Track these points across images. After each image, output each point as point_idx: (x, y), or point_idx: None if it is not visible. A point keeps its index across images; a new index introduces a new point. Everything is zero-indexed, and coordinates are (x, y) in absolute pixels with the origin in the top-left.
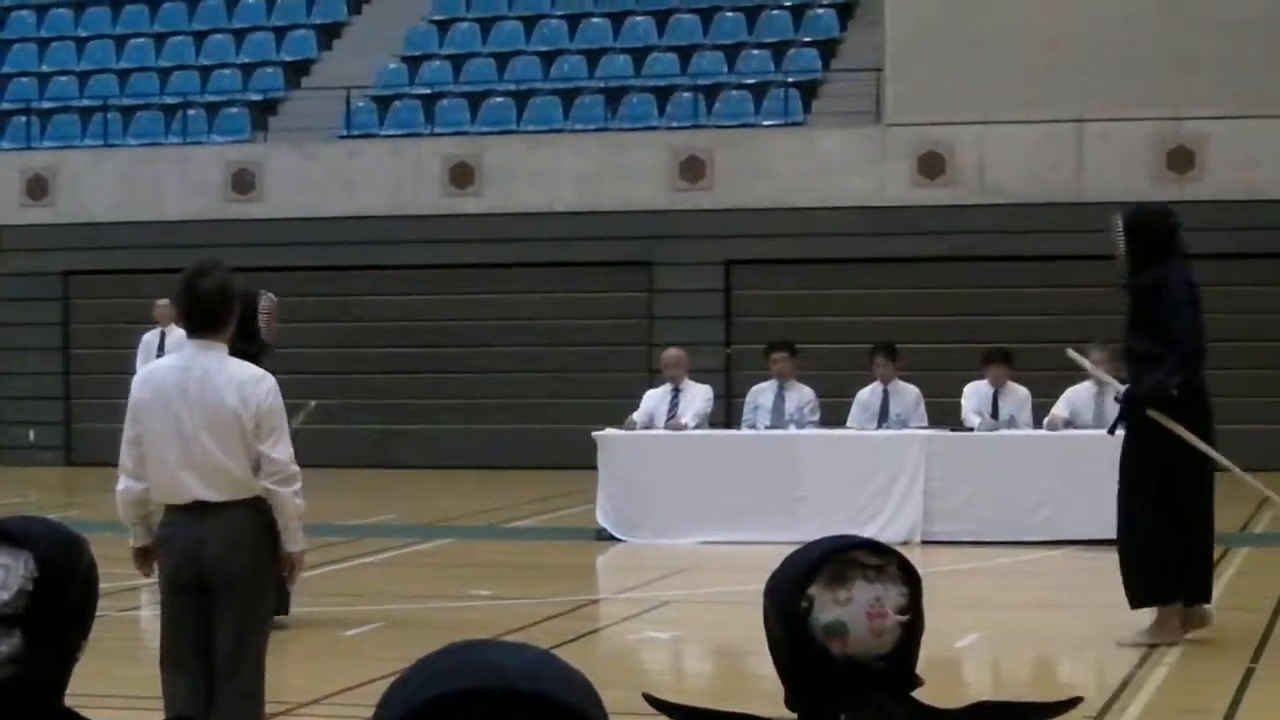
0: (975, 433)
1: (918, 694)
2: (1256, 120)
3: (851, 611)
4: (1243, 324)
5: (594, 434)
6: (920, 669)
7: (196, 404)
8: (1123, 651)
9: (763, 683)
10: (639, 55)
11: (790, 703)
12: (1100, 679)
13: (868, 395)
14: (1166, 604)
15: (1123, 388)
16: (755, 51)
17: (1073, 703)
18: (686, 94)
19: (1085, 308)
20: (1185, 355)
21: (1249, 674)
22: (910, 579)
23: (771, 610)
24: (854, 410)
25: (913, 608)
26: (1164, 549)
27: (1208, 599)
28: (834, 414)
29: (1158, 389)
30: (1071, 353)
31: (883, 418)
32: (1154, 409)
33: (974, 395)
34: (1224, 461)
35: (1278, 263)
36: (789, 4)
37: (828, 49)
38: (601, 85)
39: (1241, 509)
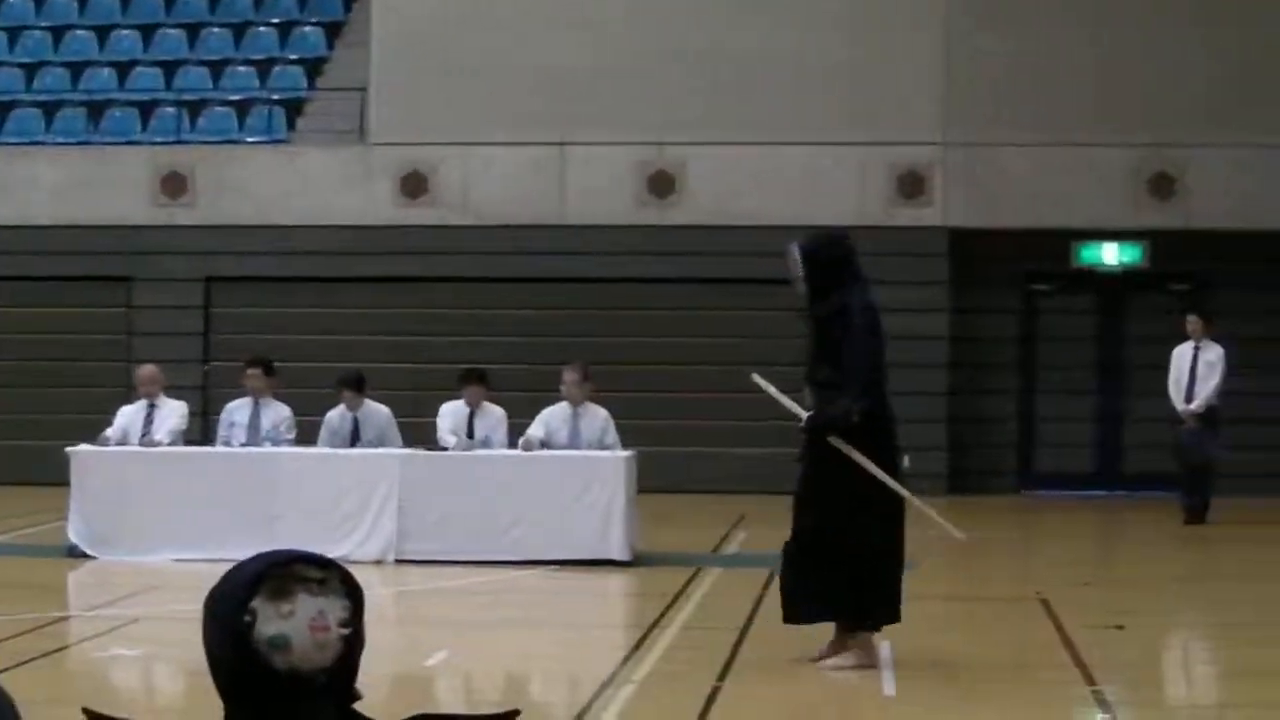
0: (450, 452)
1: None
2: (736, 146)
3: (294, 625)
4: (718, 347)
5: (68, 449)
6: (390, 684)
7: None
8: (590, 670)
9: None
10: (124, 69)
11: (231, 717)
12: (569, 697)
13: (336, 419)
14: (873, 628)
15: (805, 414)
16: (241, 68)
17: (510, 715)
18: (170, 109)
19: (566, 329)
20: (861, 382)
21: (715, 692)
22: (352, 592)
23: (213, 625)
24: (322, 434)
25: (354, 621)
26: (864, 572)
27: (896, 619)
28: (311, 432)
29: (840, 416)
30: (757, 378)
31: (354, 440)
32: (834, 435)
33: (450, 415)
34: (900, 490)
35: (753, 287)
36: (275, 22)
37: (313, 68)
38: (85, 98)
39: (715, 529)
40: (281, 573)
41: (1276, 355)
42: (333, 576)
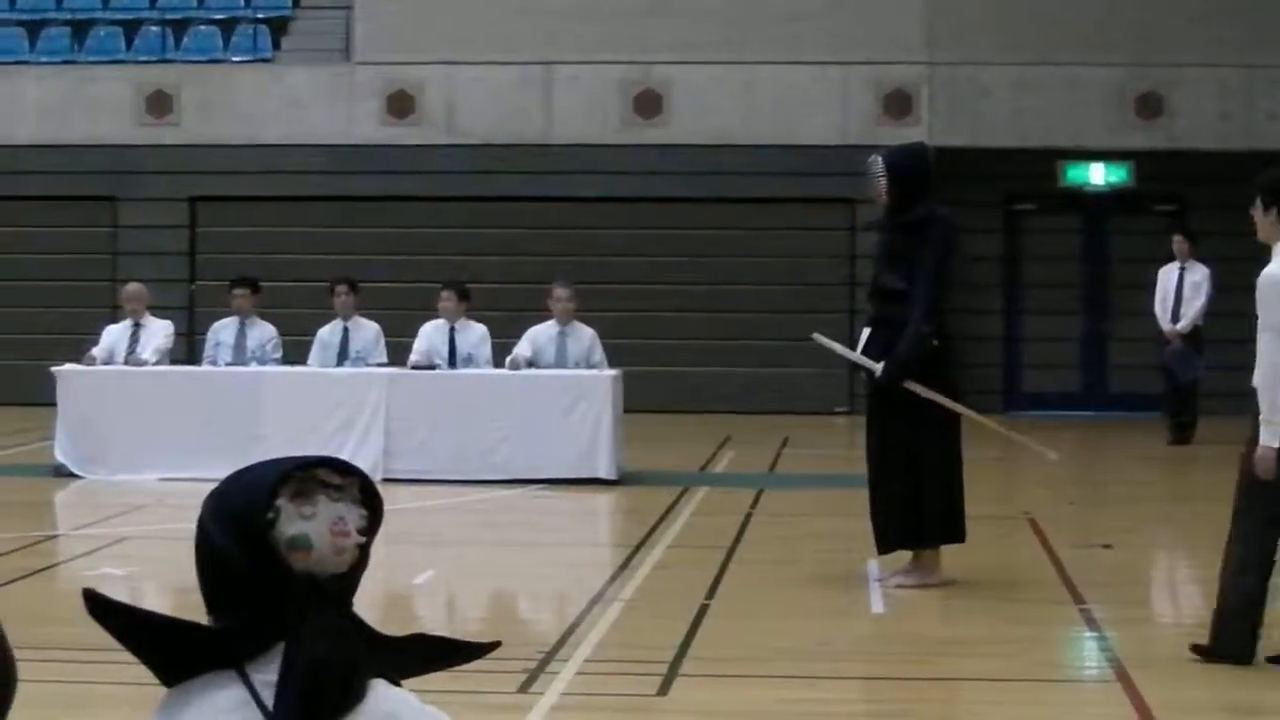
0: (437, 371)
1: None
2: (721, 66)
3: (315, 527)
4: (702, 266)
5: (53, 369)
6: (378, 603)
7: None
8: (577, 588)
9: None
10: None
11: (216, 618)
12: (557, 615)
13: (328, 333)
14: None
15: (878, 366)
16: None
17: (493, 646)
18: (154, 28)
19: (551, 249)
20: (932, 298)
21: (703, 610)
22: (369, 501)
23: (223, 524)
24: (314, 348)
25: (371, 531)
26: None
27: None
28: (297, 351)
29: (913, 351)
30: (819, 337)
31: (343, 355)
32: (911, 374)
33: (430, 334)
34: (983, 420)
35: (738, 206)
36: None
37: None
38: (68, 17)
39: (702, 449)
40: (304, 475)
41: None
42: (352, 484)
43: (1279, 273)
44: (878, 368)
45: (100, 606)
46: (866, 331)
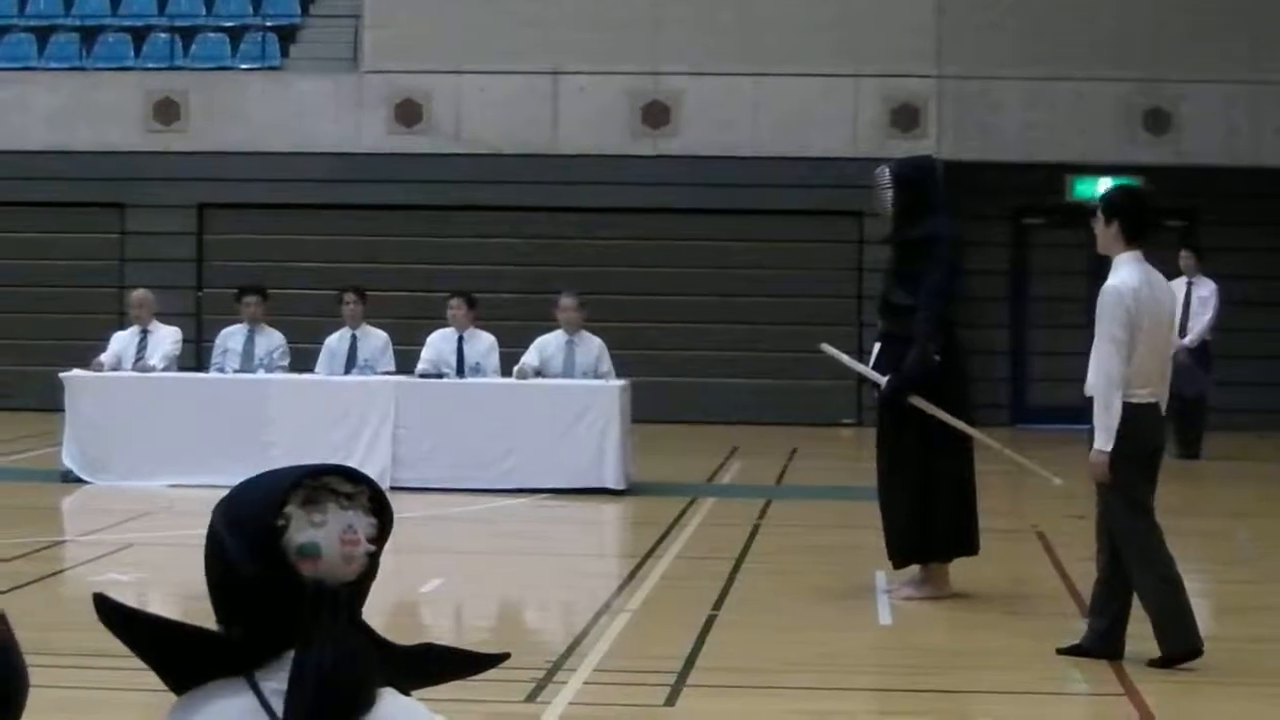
0: (445, 380)
1: None
2: (730, 77)
3: (326, 534)
4: (711, 278)
5: (61, 375)
6: (385, 611)
7: None
8: (585, 598)
9: None
10: None
11: (233, 636)
12: (564, 625)
13: (336, 341)
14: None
15: (882, 380)
16: None
17: (503, 657)
18: (163, 35)
19: (557, 259)
20: (937, 317)
21: (711, 621)
22: (379, 510)
23: (233, 531)
24: (322, 356)
25: (380, 540)
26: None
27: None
28: (305, 359)
29: (918, 368)
30: (826, 347)
31: (350, 363)
32: (916, 391)
33: (438, 343)
34: (988, 441)
35: (746, 218)
36: None
37: None
38: (77, 24)
39: (710, 460)
40: (315, 482)
41: (1267, 291)
42: (362, 493)
43: (1120, 285)
44: (882, 380)
45: (109, 611)
46: (877, 346)
